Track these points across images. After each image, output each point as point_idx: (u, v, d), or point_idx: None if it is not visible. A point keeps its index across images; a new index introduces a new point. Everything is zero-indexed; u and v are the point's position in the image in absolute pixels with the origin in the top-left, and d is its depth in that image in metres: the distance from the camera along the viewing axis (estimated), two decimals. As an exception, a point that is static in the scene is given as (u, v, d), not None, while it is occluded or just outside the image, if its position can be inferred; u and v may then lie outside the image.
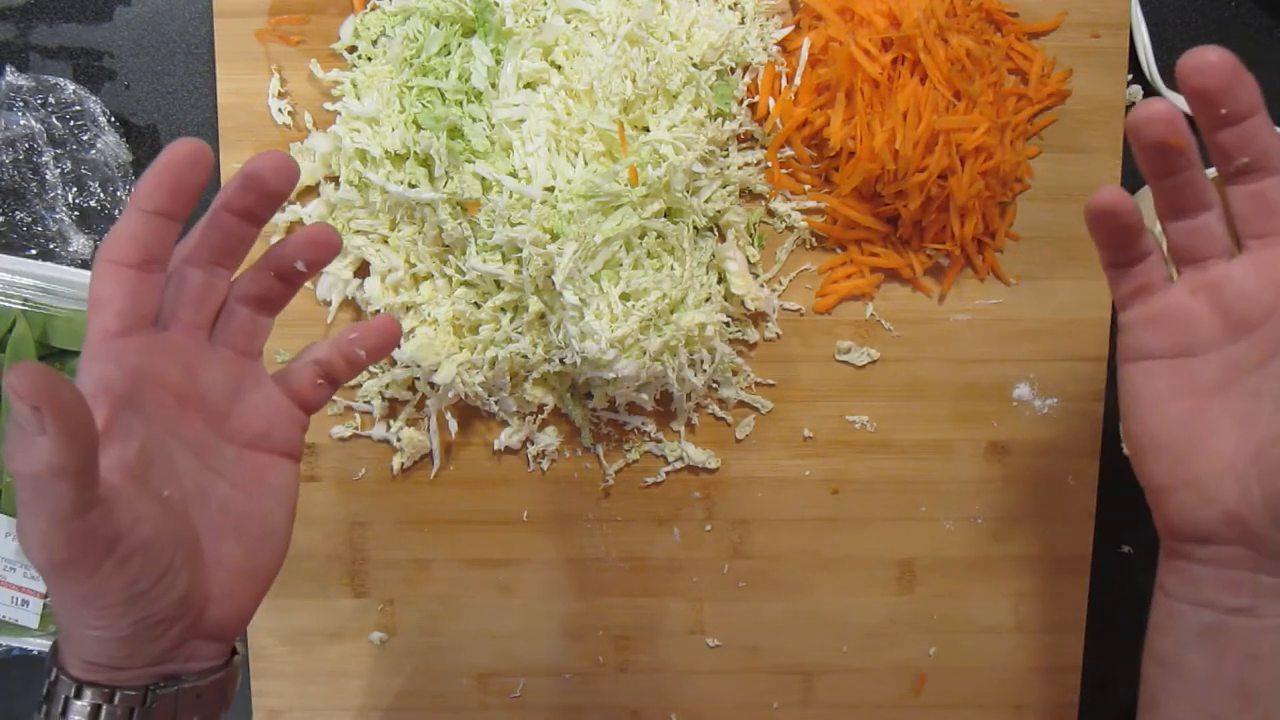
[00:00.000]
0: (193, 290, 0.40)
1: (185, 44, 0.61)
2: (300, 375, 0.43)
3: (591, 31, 0.55)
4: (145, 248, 0.37)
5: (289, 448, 0.43)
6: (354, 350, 0.44)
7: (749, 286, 0.59)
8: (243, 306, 0.42)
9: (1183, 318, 0.40)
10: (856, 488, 0.62)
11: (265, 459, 0.42)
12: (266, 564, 0.42)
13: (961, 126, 0.56)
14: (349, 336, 0.44)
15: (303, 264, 0.41)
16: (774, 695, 0.64)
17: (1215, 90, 0.37)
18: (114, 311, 0.37)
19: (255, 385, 0.42)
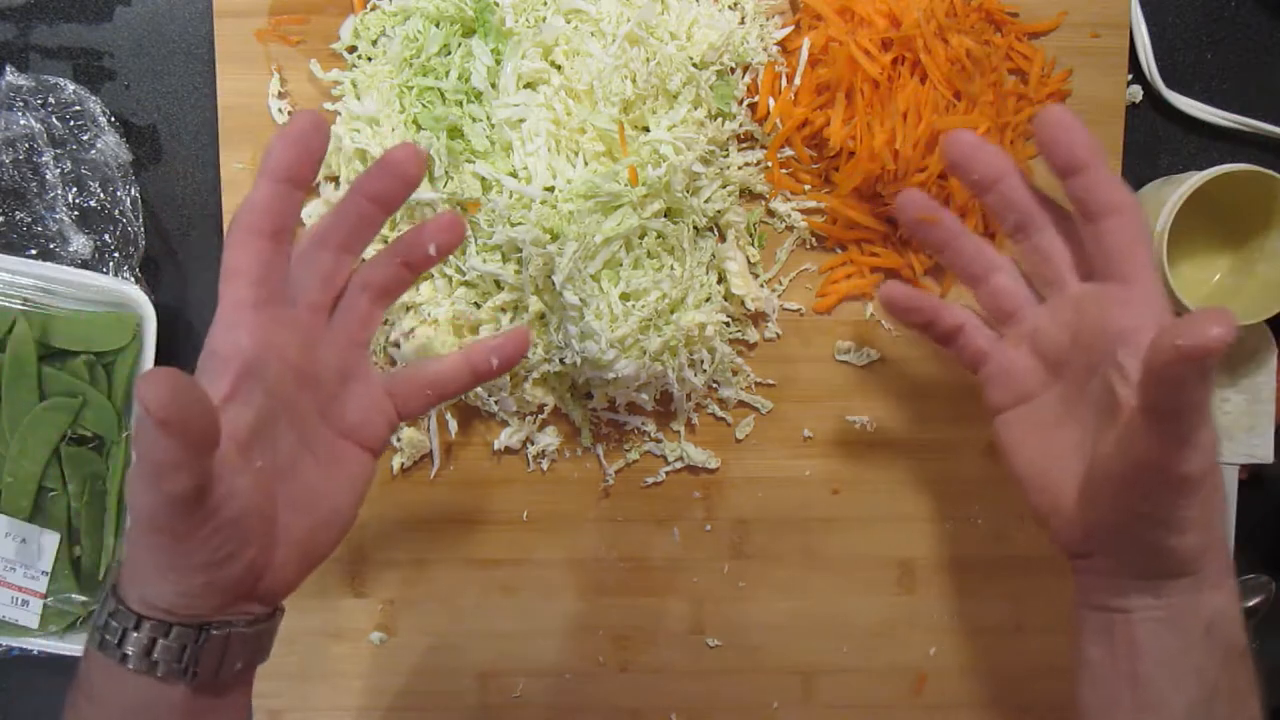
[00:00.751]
0: (322, 271, 0.42)
1: (185, 44, 0.61)
2: (407, 381, 0.45)
3: (591, 31, 0.55)
4: (278, 216, 0.39)
5: (375, 443, 0.44)
6: (489, 360, 0.45)
7: (749, 286, 0.59)
8: (362, 294, 0.43)
9: (1014, 371, 0.46)
10: (856, 488, 0.62)
11: (352, 449, 0.44)
12: (325, 544, 0.43)
13: (961, 126, 0.56)
14: (487, 344, 0.46)
15: (435, 248, 0.43)
16: (774, 695, 0.64)
17: (959, 162, 0.45)
18: (248, 281, 0.39)
19: (361, 377, 0.44)
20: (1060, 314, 0.44)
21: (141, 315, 0.58)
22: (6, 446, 0.57)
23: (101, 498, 0.59)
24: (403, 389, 0.45)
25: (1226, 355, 0.63)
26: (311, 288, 0.42)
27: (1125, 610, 0.42)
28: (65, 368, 0.58)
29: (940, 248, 0.48)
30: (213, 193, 0.60)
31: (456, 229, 0.44)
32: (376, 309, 0.44)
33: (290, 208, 0.39)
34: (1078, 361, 0.43)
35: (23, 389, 0.57)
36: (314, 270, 0.42)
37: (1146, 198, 0.60)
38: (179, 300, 0.62)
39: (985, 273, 0.47)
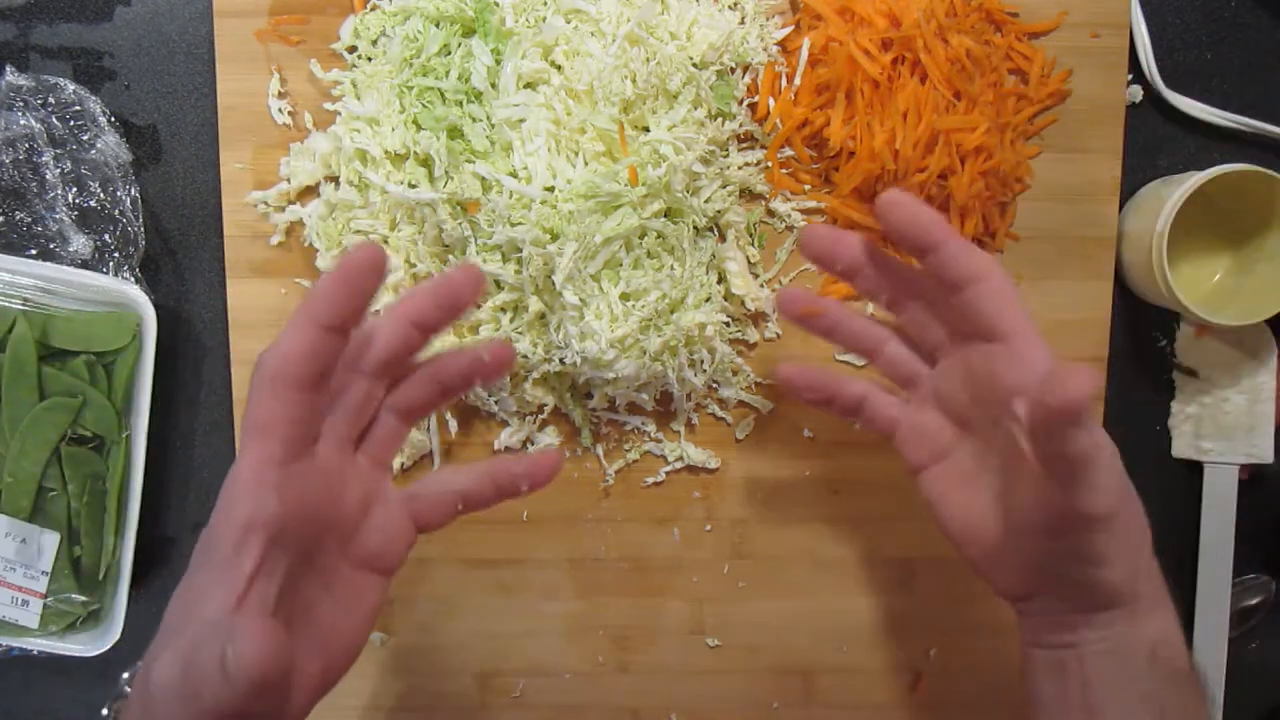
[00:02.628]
0: (354, 403, 0.39)
1: (185, 44, 0.61)
2: (433, 501, 0.43)
3: (591, 31, 0.55)
4: (317, 366, 0.35)
5: (393, 567, 0.42)
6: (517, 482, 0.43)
7: (749, 286, 0.59)
8: (392, 416, 0.41)
9: (924, 430, 0.48)
10: (856, 488, 0.62)
11: (369, 578, 0.42)
12: (335, 678, 0.41)
13: (961, 126, 0.56)
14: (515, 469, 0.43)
15: (480, 380, 0.41)
16: (774, 695, 0.64)
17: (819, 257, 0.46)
18: (279, 440, 0.35)
19: (382, 501, 0.42)
20: (954, 374, 0.46)
21: (141, 315, 0.58)
22: (6, 446, 0.57)
23: (101, 498, 0.59)
24: (426, 506, 0.43)
25: (1226, 355, 0.63)
26: (342, 423, 0.39)
27: (1072, 645, 0.43)
28: (65, 368, 0.58)
29: (829, 333, 0.49)
30: (213, 193, 0.60)
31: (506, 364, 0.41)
32: (403, 430, 0.42)
33: (333, 355, 0.36)
34: (980, 417, 0.45)
35: (23, 389, 0.57)
36: (348, 402, 0.39)
37: (1146, 198, 0.60)
38: (179, 300, 0.62)
39: (877, 346, 0.49)
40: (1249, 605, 0.65)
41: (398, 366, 0.40)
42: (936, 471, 0.47)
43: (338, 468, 0.39)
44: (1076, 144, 0.60)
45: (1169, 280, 0.56)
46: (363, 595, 0.41)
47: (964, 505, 0.46)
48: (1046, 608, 0.44)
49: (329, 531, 0.39)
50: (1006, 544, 0.44)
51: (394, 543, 0.42)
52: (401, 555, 0.43)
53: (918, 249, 0.43)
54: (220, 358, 0.61)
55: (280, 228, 0.60)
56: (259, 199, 0.59)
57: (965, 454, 0.46)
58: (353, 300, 0.35)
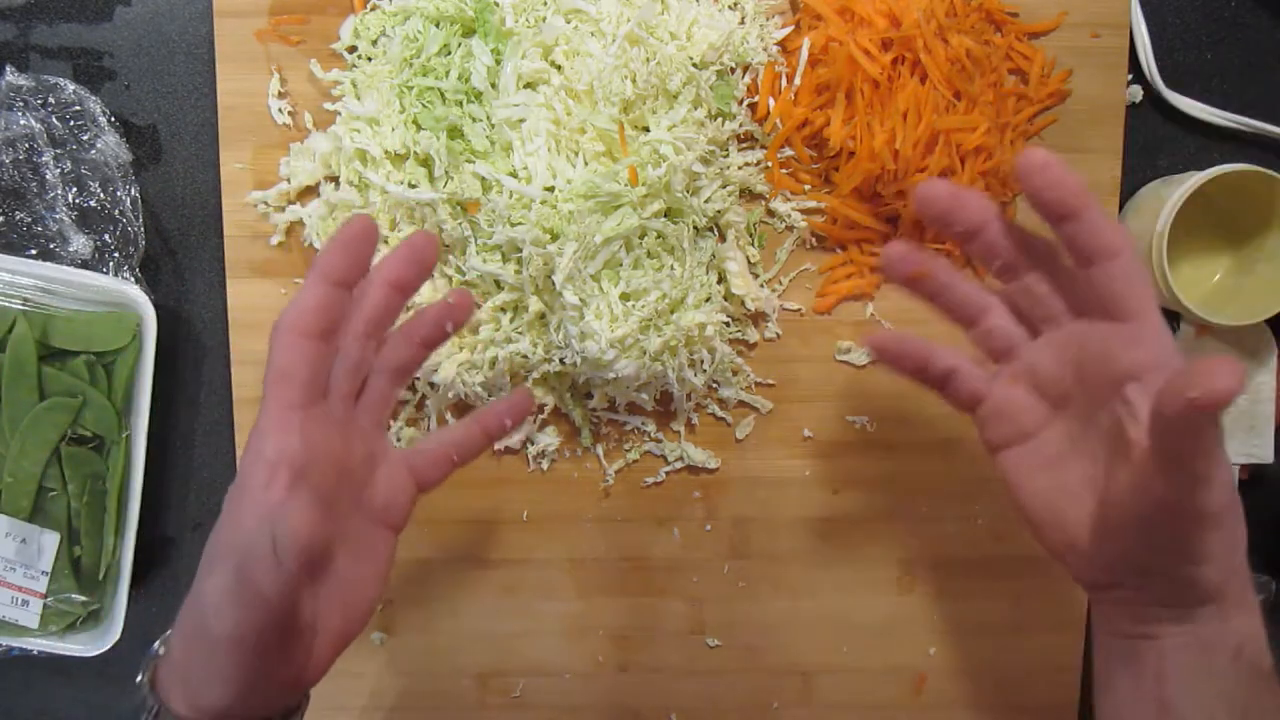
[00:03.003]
0: (351, 362, 0.42)
1: (185, 44, 0.61)
2: (427, 454, 0.46)
3: (591, 31, 0.55)
4: (329, 318, 0.40)
5: (399, 521, 0.45)
6: (502, 421, 0.47)
7: (749, 286, 0.59)
8: (381, 378, 0.44)
9: (1012, 408, 0.45)
10: (856, 488, 0.62)
11: (380, 532, 0.44)
12: (355, 629, 0.43)
13: (961, 126, 0.56)
14: (496, 409, 0.48)
15: (451, 325, 0.45)
16: (774, 695, 0.64)
17: (942, 216, 0.42)
18: (299, 384, 0.39)
19: (384, 458, 0.45)
20: (1059, 350, 0.43)
21: (141, 315, 0.58)
22: (6, 446, 0.57)
23: (101, 498, 0.59)
24: (422, 461, 0.46)
25: (1224, 354, 0.63)
26: (342, 379, 0.42)
27: (1151, 637, 0.42)
28: (65, 368, 0.58)
29: (935, 296, 0.46)
30: (213, 193, 0.60)
31: (468, 307, 0.46)
32: (393, 390, 0.45)
33: (340, 308, 0.40)
34: (1083, 397, 0.43)
35: (23, 389, 0.57)
36: (346, 362, 0.42)
37: (1146, 198, 0.60)
38: (179, 300, 0.62)
39: (979, 314, 0.46)
40: (1249, 605, 0.64)
41: (382, 329, 0.43)
42: (1020, 451, 0.45)
43: (344, 421, 0.42)
44: (1076, 144, 0.60)
45: (1169, 280, 0.56)
46: (375, 549, 0.44)
47: (1049, 489, 0.44)
48: (1129, 598, 0.43)
49: (343, 480, 0.42)
50: (1097, 533, 0.42)
51: (398, 497, 0.45)
52: (406, 511, 0.45)
53: (1058, 215, 0.40)
54: (220, 358, 0.62)
55: (280, 228, 0.60)
56: (259, 199, 0.59)
57: (1056, 435, 0.44)
58: (353, 260, 0.40)
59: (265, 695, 0.40)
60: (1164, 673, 0.41)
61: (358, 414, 0.43)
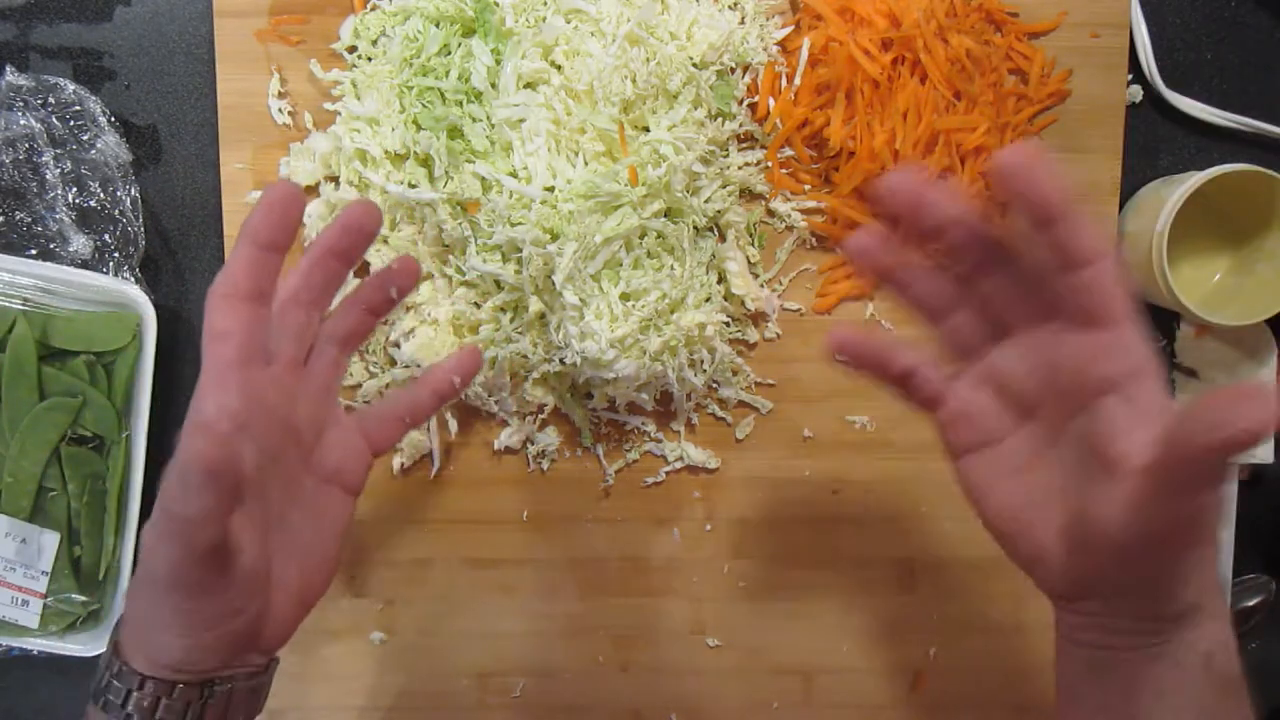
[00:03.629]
0: (294, 328, 0.43)
1: (185, 44, 0.61)
2: (378, 416, 0.47)
3: (591, 31, 0.55)
4: (259, 281, 0.40)
5: (354, 483, 0.46)
6: (449, 380, 0.48)
7: (749, 286, 0.59)
8: (330, 345, 0.45)
9: (975, 412, 0.43)
10: (856, 488, 0.62)
11: (333, 492, 0.45)
12: (317, 589, 0.44)
13: (961, 126, 0.56)
14: (444, 366, 0.48)
15: (395, 291, 0.46)
16: (774, 695, 0.64)
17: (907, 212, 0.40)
18: (235, 343, 0.40)
19: (335, 422, 0.46)
20: (1029, 355, 0.41)
21: (141, 315, 0.58)
22: (6, 446, 0.57)
23: (101, 498, 0.59)
24: (373, 423, 0.47)
25: (1226, 355, 0.63)
26: (287, 344, 0.43)
27: (1121, 649, 0.41)
28: (65, 368, 0.58)
29: (904, 287, 0.43)
30: (213, 193, 0.60)
31: (412, 272, 0.46)
32: (344, 357, 0.46)
33: (269, 272, 0.40)
34: (1053, 405, 0.41)
35: (23, 389, 0.57)
36: (288, 328, 0.43)
37: (1146, 198, 0.60)
38: (179, 300, 0.62)
39: (947, 310, 0.43)
40: (1249, 605, 0.65)
41: (325, 296, 0.44)
42: (984, 457, 0.43)
43: (290, 384, 0.43)
44: (1076, 144, 0.60)
45: (1169, 280, 0.56)
46: (330, 510, 0.45)
47: (1014, 498, 0.42)
48: (1099, 611, 0.41)
49: (288, 439, 0.43)
50: (1068, 546, 0.40)
51: (352, 460, 0.46)
52: (361, 474, 0.46)
53: (1042, 218, 0.38)
54: (220, 358, 0.61)
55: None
56: (259, 199, 0.59)
57: (1020, 442, 0.42)
58: (278, 222, 0.40)
59: (219, 647, 0.40)
60: (1134, 687, 0.40)
61: (306, 380, 0.44)
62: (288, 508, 0.43)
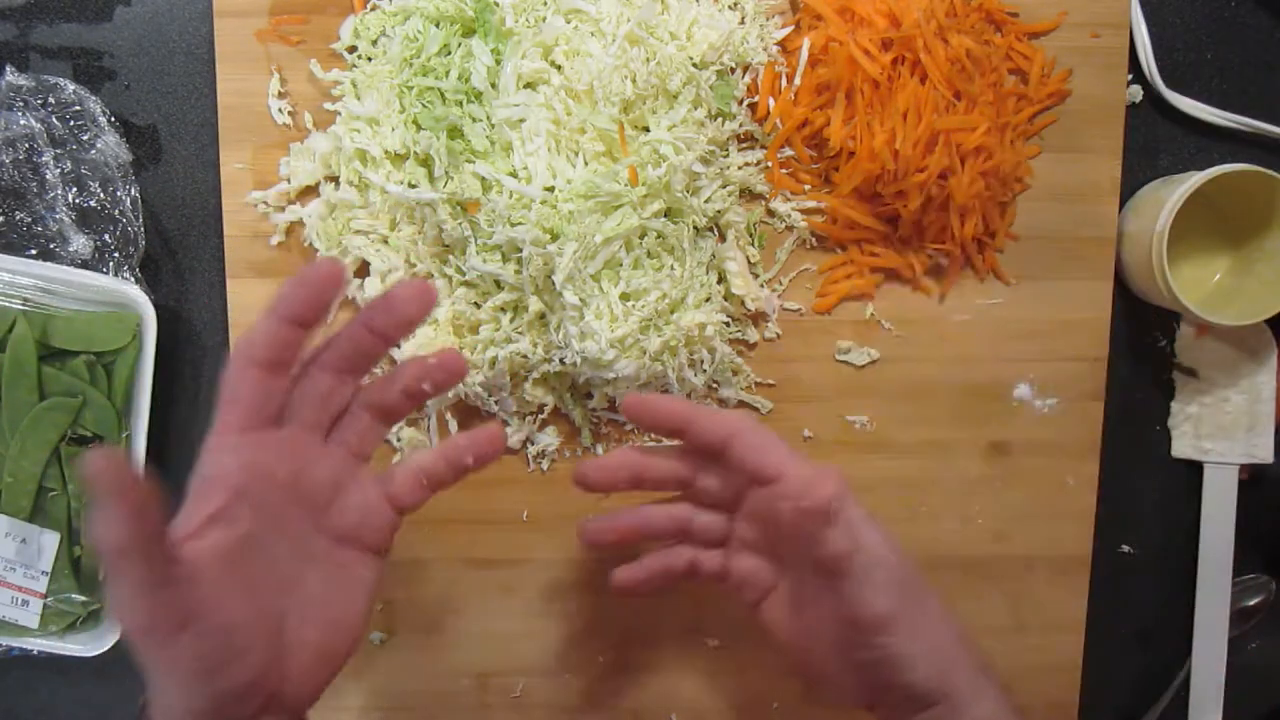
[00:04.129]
0: (318, 393, 0.43)
1: (185, 44, 0.61)
2: (402, 480, 0.46)
3: (591, 31, 0.55)
4: (278, 352, 0.41)
5: (377, 544, 0.45)
6: (463, 458, 0.47)
7: (749, 286, 0.59)
8: (365, 413, 0.45)
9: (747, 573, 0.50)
10: (856, 488, 0.62)
11: (353, 554, 0.45)
12: (342, 648, 0.44)
13: (961, 126, 0.56)
14: (458, 444, 0.47)
15: (430, 385, 0.45)
16: (774, 695, 0.64)
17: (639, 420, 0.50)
18: (243, 409, 0.41)
19: (357, 485, 0.45)
20: (752, 519, 0.49)
21: (141, 315, 0.58)
22: (6, 446, 0.57)
23: (101, 498, 0.59)
24: (396, 487, 0.46)
25: (1226, 355, 0.63)
26: (307, 408, 0.43)
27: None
28: (65, 368, 0.58)
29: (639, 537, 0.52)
30: (213, 193, 0.60)
31: (453, 372, 0.45)
32: (378, 427, 0.46)
33: (292, 345, 0.41)
34: (789, 552, 0.49)
35: (23, 389, 0.57)
36: (311, 392, 0.43)
37: (1146, 198, 0.60)
38: (179, 300, 0.62)
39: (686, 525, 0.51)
40: (1249, 605, 0.65)
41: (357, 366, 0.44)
42: (769, 604, 0.50)
43: (304, 446, 0.43)
44: (1076, 144, 0.60)
45: (1169, 280, 0.56)
46: (352, 571, 0.45)
47: (796, 629, 0.49)
48: (885, 716, 0.47)
49: (297, 503, 0.43)
50: (830, 661, 0.47)
51: (373, 520, 0.45)
52: (384, 533, 0.46)
53: (672, 433, 0.48)
54: (220, 358, 0.62)
55: (280, 228, 0.60)
56: (259, 199, 0.59)
57: (788, 584, 0.49)
58: (309, 300, 0.40)
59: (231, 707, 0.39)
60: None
61: (332, 444, 0.44)
62: (303, 568, 0.43)
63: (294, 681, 0.42)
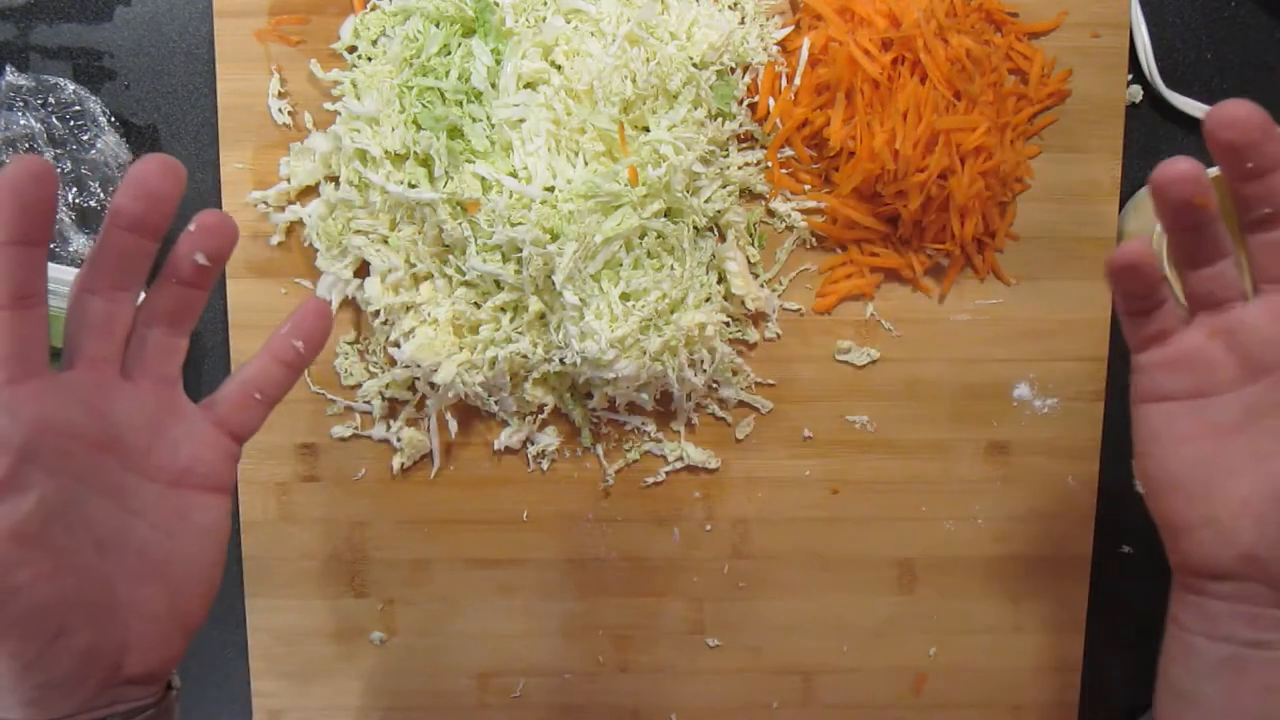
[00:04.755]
0: (94, 321, 0.37)
1: (185, 44, 0.61)
2: (229, 399, 0.40)
3: (591, 31, 0.55)
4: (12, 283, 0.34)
5: (217, 482, 0.40)
6: (290, 345, 0.40)
7: (749, 286, 0.59)
8: (153, 329, 0.39)
9: (1200, 361, 0.41)
10: (856, 488, 0.62)
11: (191, 496, 0.39)
12: (193, 606, 0.39)
13: (961, 126, 0.56)
14: (280, 334, 0.41)
15: (203, 257, 0.38)
16: (774, 695, 0.64)
17: (1244, 146, 0.38)
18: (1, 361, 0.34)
19: (177, 417, 0.39)
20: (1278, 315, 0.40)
21: (141, 315, 0.57)
22: (6, 446, 0.57)
23: (101, 498, 0.59)
24: (225, 408, 0.40)
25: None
26: (88, 341, 0.37)
27: (1264, 645, 0.39)
28: (65, 368, 0.58)
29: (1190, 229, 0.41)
30: (213, 193, 0.60)
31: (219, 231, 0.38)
32: (174, 340, 0.39)
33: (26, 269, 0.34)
34: None
35: (23, 389, 0.57)
36: (86, 321, 0.37)
37: (1146, 198, 0.60)
38: (179, 300, 0.62)
39: (1217, 258, 0.41)
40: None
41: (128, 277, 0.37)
42: (1188, 408, 0.41)
43: (97, 385, 0.37)
44: (1076, 144, 0.60)
45: (1169, 280, 0.55)
46: (190, 516, 0.39)
47: (1204, 455, 0.40)
48: (1250, 595, 0.39)
49: (105, 451, 0.37)
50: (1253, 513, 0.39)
51: (206, 454, 0.40)
52: (221, 469, 0.40)
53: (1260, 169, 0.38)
54: (220, 358, 0.62)
55: (280, 228, 0.60)
56: (259, 199, 0.59)
57: (1235, 401, 0.40)
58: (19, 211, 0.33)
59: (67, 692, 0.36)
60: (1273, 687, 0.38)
61: (133, 376, 0.38)
62: (129, 524, 0.38)
63: (141, 649, 0.37)
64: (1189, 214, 0.40)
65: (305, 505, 0.62)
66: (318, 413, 0.61)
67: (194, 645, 0.66)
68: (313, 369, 0.61)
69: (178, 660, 0.39)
